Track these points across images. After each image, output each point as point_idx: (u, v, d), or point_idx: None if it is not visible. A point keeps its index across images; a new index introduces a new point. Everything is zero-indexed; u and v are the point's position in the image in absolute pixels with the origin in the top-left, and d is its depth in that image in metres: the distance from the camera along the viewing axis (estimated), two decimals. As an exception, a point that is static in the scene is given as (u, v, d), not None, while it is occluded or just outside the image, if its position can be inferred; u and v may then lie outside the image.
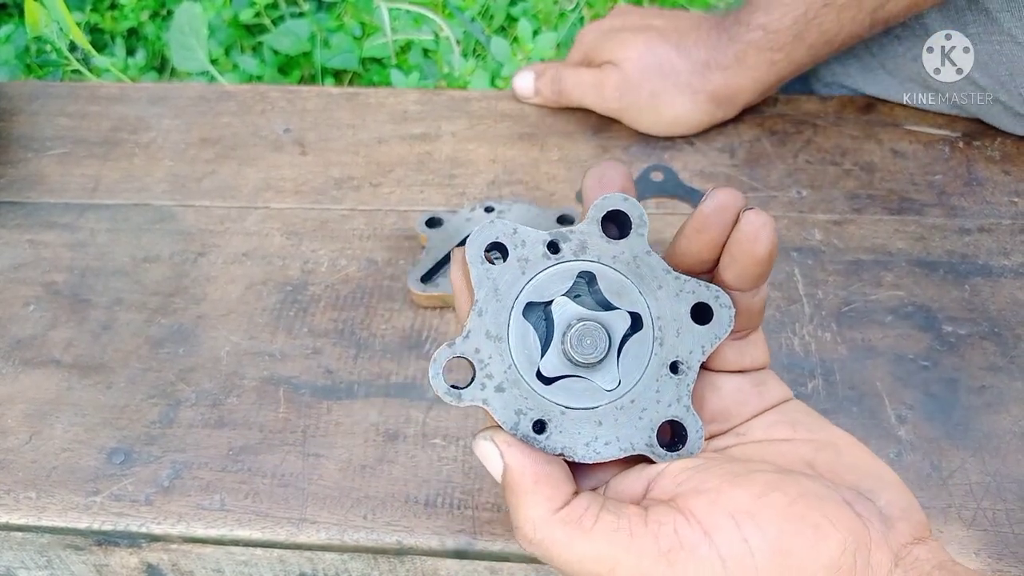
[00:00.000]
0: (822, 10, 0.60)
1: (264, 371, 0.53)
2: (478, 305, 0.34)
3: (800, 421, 0.36)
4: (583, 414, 0.34)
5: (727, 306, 0.34)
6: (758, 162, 0.65)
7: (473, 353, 0.34)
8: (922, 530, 0.33)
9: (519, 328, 0.34)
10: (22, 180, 0.66)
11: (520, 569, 0.47)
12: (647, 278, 0.34)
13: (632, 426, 0.34)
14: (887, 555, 0.31)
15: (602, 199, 0.34)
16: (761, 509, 0.31)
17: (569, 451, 0.34)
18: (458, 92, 0.73)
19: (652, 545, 0.31)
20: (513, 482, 0.33)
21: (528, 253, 0.34)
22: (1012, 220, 0.60)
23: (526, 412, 0.34)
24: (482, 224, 0.34)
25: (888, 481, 0.34)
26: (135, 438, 0.50)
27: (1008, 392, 0.51)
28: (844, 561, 0.30)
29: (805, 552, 0.30)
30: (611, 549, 0.31)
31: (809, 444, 0.35)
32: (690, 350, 0.35)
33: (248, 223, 0.62)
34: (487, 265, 0.34)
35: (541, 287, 0.34)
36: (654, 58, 0.65)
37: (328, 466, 0.48)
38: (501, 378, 0.34)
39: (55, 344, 0.55)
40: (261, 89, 0.73)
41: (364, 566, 0.47)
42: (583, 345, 0.33)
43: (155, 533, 0.46)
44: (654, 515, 0.32)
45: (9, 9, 1.39)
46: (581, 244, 0.34)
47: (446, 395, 0.33)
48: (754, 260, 0.34)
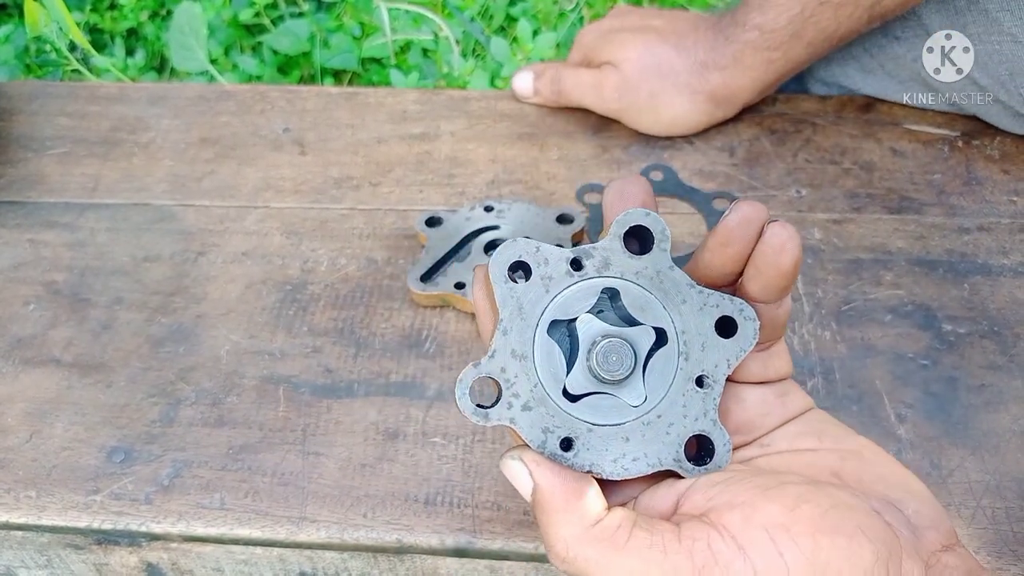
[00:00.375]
0: (818, 8, 0.60)
1: (264, 370, 0.53)
2: (503, 324, 0.34)
3: (825, 431, 0.36)
4: (610, 431, 0.34)
5: (752, 319, 0.34)
6: (757, 161, 0.65)
7: (499, 372, 0.34)
8: (950, 537, 0.33)
9: (544, 346, 0.34)
10: (22, 180, 0.66)
11: (520, 568, 0.47)
12: (671, 293, 0.34)
13: (659, 441, 0.34)
14: (918, 564, 0.31)
15: (624, 215, 0.34)
16: (794, 522, 0.31)
17: (597, 468, 0.34)
18: (457, 92, 0.73)
19: (686, 561, 0.31)
20: (544, 501, 0.32)
21: (551, 271, 0.34)
22: (1011, 219, 0.60)
23: (553, 430, 0.34)
24: (505, 243, 0.34)
25: (915, 490, 0.34)
26: (135, 437, 0.50)
27: (1007, 391, 0.51)
28: (878, 571, 0.30)
29: (840, 563, 0.30)
30: (645, 566, 0.31)
31: (834, 453, 0.35)
32: (715, 364, 0.35)
33: (248, 222, 0.62)
34: (511, 284, 0.34)
35: (565, 304, 0.34)
36: (653, 59, 0.65)
37: (328, 465, 0.48)
38: (527, 397, 0.34)
39: (55, 343, 0.55)
40: (260, 89, 0.73)
41: (364, 565, 0.47)
42: (609, 362, 0.33)
43: (155, 532, 0.46)
44: (687, 531, 0.31)
45: (9, 9, 1.39)
46: (604, 260, 0.34)
47: (473, 415, 0.33)
48: (779, 272, 0.34)
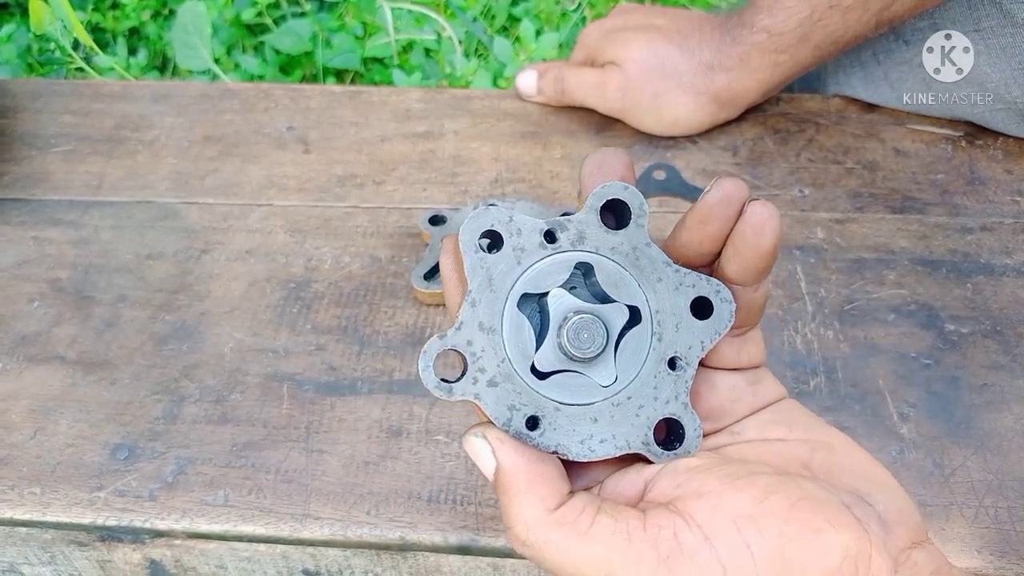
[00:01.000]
0: (827, 12, 0.60)
1: (268, 367, 0.53)
2: (471, 295, 0.32)
3: (795, 420, 0.36)
4: (578, 411, 0.33)
5: (728, 301, 0.33)
6: (760, 160, 0.65)
7: (465, 345, 0.32)
8: (919, 534, 0.32)
9: (513, 320, 0.32)
10: (26, 177, 0.66)
11: (523, 565, 0.47)
12: (646, 270, 0.33)
13: (628, 424, 0.33)
14: (887, 561, 0.30)
15: (601, 187, 0.33)
16: (762, 514, 0.30)
17: (563, 449, 0.33)
18: (461, 91, 0.73)
19: (651, 550, 0.30)
20: (506, 481, 0.31)
21: (524, 242, 0.32)
22: (1014, 219, 0.60)
23: (519, 408, 0.32)
24: (476, 211, 0.32)
25: (885, 483, 0.34)
26: (139, 434, 0.50)
27: (1010, 390, 0.51)
28: (845, 567, 0.30)
29: (807, 558, 0.29)
30: (608, 553, 0.30)
31: (804, 444, 0.35)
32: (689, 346, 0.33)
33: (251, 220, 0.62)
34: (481, 254, 0.32)
35: (537, 278, 0.33)
36: (656, 59, 0.65)
37: (331, 462, 0.48)
38: (494, 372, 0.32)
39: (59, 340, 0.55)
40: (264, 87, 0.73)
41: (367, 562, 0.47)
42: (580, 339, 0.32)
43: (159, 529, 0.46)
44: (653, 519, 0.31)
45: (11, 8, 1.40)
46: (579, 234, 0.33)
47: (436, 389, 0.32)
48: (758, 253, 0.33)
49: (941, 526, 0.45)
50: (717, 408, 0.36)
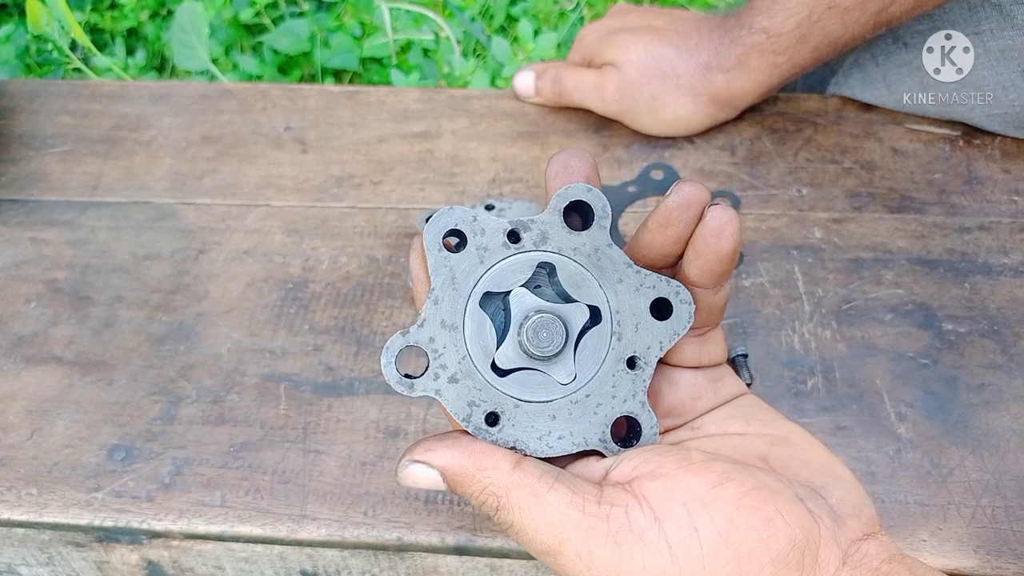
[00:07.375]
0: (826, 13, 0.60)
1: (265, 368, 0.53)
2: (434, 293, 0.33)
3: (754, 415, 0.37)
4: (537, 407, 0.34)
5: (687, 302, 0.34)
6: (758, 160, 0.65)
7: (427, 342, 0.33)
8: (873, 526, 0.33)
9: (475, 318, 0.33)
10: (23, 178, 0.66)
11: (520, 566, 0.47)
12: (608, 271, 0.34)
13: (586, 421, 0.34)
14: (836, 553, 0.31)
15: (565, 189, 0.33)
16: (714, 499, 0.31)
17: (522, 444, 0.34)
18: (458, 91, 0.73)
19: (601, 524, 0.31)
20: (455, 474, 0.32)
21: (488, 242, 0.33)
22: (1012, 219, 0.60)
23: (479, 404, 0.33)
24: (440, 209, 0.33)
25: (840, 477, 0.34)
26: (136, 435, 0.50)
27: (1007, 390, 0.51)
28: (792, 557, 0.30)
29: (753, 544, 0.30)
30: (562, 522, 0.31)
31: (763, 438, 0.36)
32: (648, 346, 0.34)
33: (249, 221, 0.62)
34: (445, 252, 0.33)
35: (500, 277, 0.33)
36: (654, 61, 0.65)
37: (328, 463, 0.48)
38: (455, 369, 0.33)
39: (56, 341, 0.55)
40: (262, 87, 0.73)
41: (364, 563, 0.47)
42: (539, 338, 0.33)
43: (156, 529, 0.46)
44: (608, 496, 0.32)
45: (9, 9, 1.39)
46: (542, 234, 0.33)
47: (398, 385, 0.33)
48: (717, 257, 0.33)
49: (938, 525, 0.45)
50: (678, 404, 0.37)
